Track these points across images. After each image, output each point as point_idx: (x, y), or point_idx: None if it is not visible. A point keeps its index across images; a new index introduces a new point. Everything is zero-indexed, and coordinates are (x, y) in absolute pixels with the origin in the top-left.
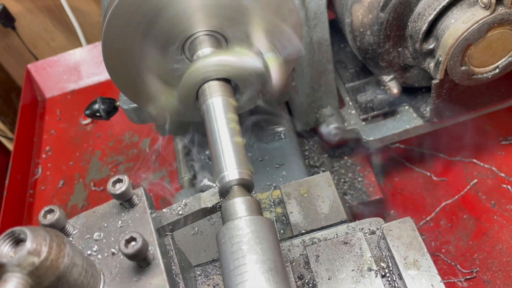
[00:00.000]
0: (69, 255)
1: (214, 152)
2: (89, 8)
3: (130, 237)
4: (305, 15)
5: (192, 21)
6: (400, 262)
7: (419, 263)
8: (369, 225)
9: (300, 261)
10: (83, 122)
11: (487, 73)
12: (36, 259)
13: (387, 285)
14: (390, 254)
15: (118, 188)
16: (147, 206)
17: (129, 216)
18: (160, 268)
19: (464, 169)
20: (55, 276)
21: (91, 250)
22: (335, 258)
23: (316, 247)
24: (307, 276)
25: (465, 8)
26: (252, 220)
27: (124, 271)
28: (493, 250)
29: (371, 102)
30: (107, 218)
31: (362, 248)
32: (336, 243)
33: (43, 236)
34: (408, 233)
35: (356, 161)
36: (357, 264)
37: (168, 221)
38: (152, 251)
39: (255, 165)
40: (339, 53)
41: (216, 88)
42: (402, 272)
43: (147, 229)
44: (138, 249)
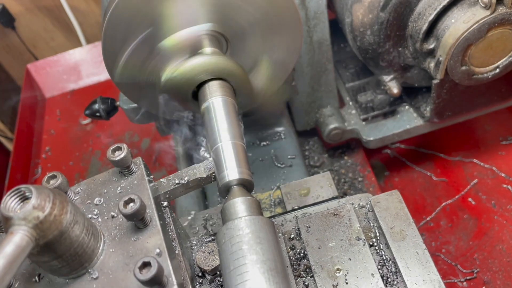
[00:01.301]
0: (71, 212)
1: (215, 152)
2: (89, 8)
3: (128, 199)
4: (305, 15)
5: (195, 19)
6: (387, 232)
7: (405, 232)
8: (359, 201)
9: (292, 233)
10: (83, 122)
11: (487, 73)
12: (41, 214)
13: (375, 254)
14: (377, 224)
15: (117, 155)
16: (145, 174)
17: (127, 183)
18: (157, 228)
19: (464, 169)
20: (58, 231)
21: (92, 214)
22: (325, 228)
23: (307, 219)
24: (298, 247)
25: (466, 8)
26: (252, 220)
27: (123, 232)
28: (493, 250)
29: (371, 102)
30: (107, 185)
31: (351, 219)
32: (327, 215)
33: (47, 194)
34: (395, 204)
35: (356, 161)
36: (346, 234)
37: (165, 190)
38: (150, 214)
39: (255, 165)
40: (339, 53)
41: (216, 88)
42: (389, 241)
43: (145, 194)
44: (136, 209)
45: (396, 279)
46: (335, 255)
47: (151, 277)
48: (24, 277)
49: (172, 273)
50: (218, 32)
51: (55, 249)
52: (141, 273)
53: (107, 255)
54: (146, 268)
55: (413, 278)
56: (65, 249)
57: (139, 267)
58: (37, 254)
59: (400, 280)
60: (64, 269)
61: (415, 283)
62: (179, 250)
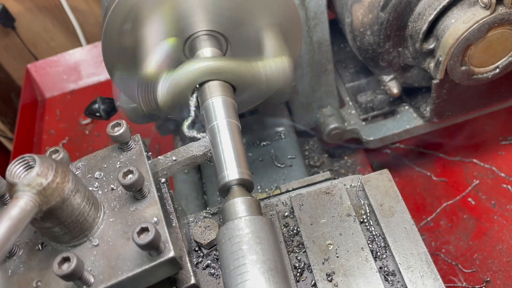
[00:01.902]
0: (73, 181)
1: (214, 152)
2: (89, 8)
3: (127, 170)
4: (305, 15)
5: (192, 20)
6: (377, 209)
7: (394, 208)
8: (351, 181)
9: (286, 211)
10: (83, 122)
11: (487, 73)
12: (44, 181)
13: (365, 230)
14: (367, 202)
15: (116, 131)
16: (143, 149)
17: (126, 158)
18: (155, 199)
19: (464, 169)
20: (60, 198)
21: (92, 187)
22: (317, 206)
23: (300, 197)
24: (292, 224)
25: (465, 8)
26: (252, 220)
27: (122, 203)
28: (493, 250)
29: (371, 102)
30: (107, 160)
31: (342, 197)
32: (319, 193)
33: (50, 162)
34: (385, 183)
35: (356, 161)
36: (337, 211)
37: (163, 167)
38: (148, 186)
39: (255, 165)
40: (339, 53)
41: (216, 88)
42: (378, 217)
43: (143, 168)
44: (134, 180)
45: (385, 253)
46: (327, 230)
47: (148, 241)
48: (28, 246)
49: (169, 240)
50: (216, 32)
51: (58, 215)
52: (140, 237)
53: (107, 224)
54: (144, 233)
55: (401, 251)
56: (67, 216)
57: (137, 232)
58: (41, 220)
59: (389, 254)
60: (66, 236)
61: (403, 256)
62: (176, 223)
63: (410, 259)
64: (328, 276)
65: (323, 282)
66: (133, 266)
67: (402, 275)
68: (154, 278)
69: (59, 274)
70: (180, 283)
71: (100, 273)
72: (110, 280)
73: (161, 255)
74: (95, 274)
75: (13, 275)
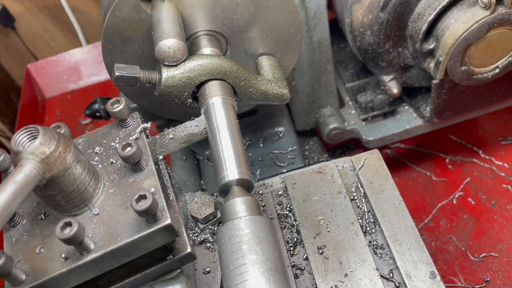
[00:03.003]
0: (74, 152)
1: (214, 152)
2: (89, 8)
3: (126, 143)
4: (305, 15)
5: (192, 20)
6: (367, 186)
7: (383, 186)
8: (343, 163)
9: (280, 190)
10: (83, 122)
11: (487, 73)
12: (47, 149)
13: (355, 207)
14: (358, 180)
15: (116, 107)
16: (141, 125)
17: (125, 134)
18: (152, 171)
19: (464, 169)
20: (62, 166)
21: (92, 160)
22: (309, 185)
23: (293, 176)
24: (285, 202)
25: (465, 8)
26: (252, 220)
27: (121, 175)
28: (493, 250)
29: (371, 102)
30: (107, 136)
31: (334, 176)
32: (311, 172)
33: (52, 133)
34: (375, 162)
35: None
36: (329, 189)
37: (160, 144)
38: (146, 159)
39: (255, 165)
40: (339, 53)
41: (216, 88)
42: (368, 195)
43: (141, 143)
44: (133, 152)
45: (374, 228)
46: (318, 207)
47: (146, 208)
48: (31, 216)
49: (165, 208)
50: (216, 32)
51: (60, 183)
52: (138, 204)
53: (107, 195)
54: (142, 201)
55: (389, 226)
56: (68, 184)
57: (136, 199)
58: (43, 187)
59: (378, 229)
60: (67, 205)
61: (391, 229)
62: (173, 197)
63: (398, 233)
64: (319, 249)
65: (314, 255)
66: (131, 233)
67: (390, 248)
68: (151, 245)
69: (61, 238)
70: (177, 251)
71: (100, 240)
72: (109, 246)
73: (158, 222)
74: (95, 241)
75: (17, 243)
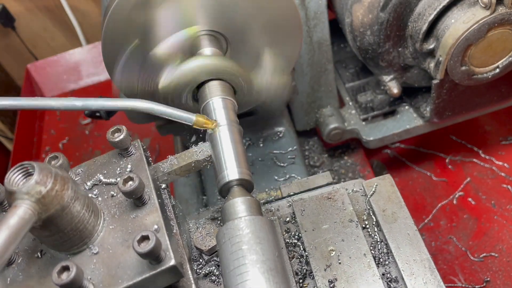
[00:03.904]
0: (72, 189)
1: (214, 152)
2: (89, 8)
3: (127, 177)
4: (305, 15)
5: (193, 19)
6: (379, 214)
7: (397, 214)
8: (353, 186)
9: (288, 217)
10: (82, 122)
11: (487, 73)
12: (43, 188)
13: (367, 235)
14: (370, 207)
15: (116, 136)
16: (144, 155)
17: (126, 164)
18: (155, 206)
19: (464, 169)
20: (60, 206)
21: (92, 193)
22: (319, 212)
23: (302, 203)
24: (293, 229)
25: (466, 8)
26: (252, 220)
27: (122, 210)
28: (493, 250)
29: (371, 102)
30: (107, 166)
31: (345, 202)
32: (321, 198)
33: (49, 170)
34: (387, 188)
35: (356, 161)
36: (340, 216)
37: (163, 172)
38: (148, 192)
39: (255, 165)
40: (339, 53)
41: (216, 88)
42: (381, 223)
43: (143, 174)
44: (135, 187)
45: (387, 259)
46: (329, 236)
47: (149, 250)
48: (27, 253)
49: (169, 248)
50: (216, 32)
51: (57, 223)
52: (140, 246)
53: (107, 232)
54: (144, 242)
55: (404, 257)
56: (66, 224)
57: (137, 240)
58: (40, 228)
59: (392, 260)
60: (65, 244)
61: (406, 262)
62: (177, 230)
63: (413, 266)
64: (331, 283)
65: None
66: (133, 275)
67: (405, 282)
68: (154, 287)
69: (58, 283)
70: None
71: (100, 282)
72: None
73: (162, 264)
74: (95, 283)
75: (12, 284)
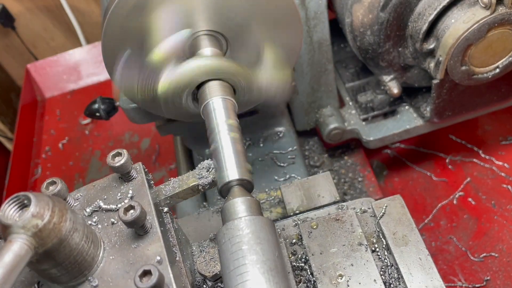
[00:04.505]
0: (70, 220)
1: (214, 152)
2: (89, 8)
3: (128, 206)
4: (305, 15)
5: (192, 20)
6: (390, 237)
7: (408, 237)
8: (361, 205)
9: (294, 238)
10: (82, 122)
11: (487, 73)
12: (40, 222)
13: (377, 259)
14: (380, 229)
15: (117, 161)
16: (145, 180)
17: (127, 189)
18: (157, 235)
19: (464, 169)
20: (57, 239)
21: (91, 220)
22: (327, 234)
23: (309, 224)
24: (300, 252)
25: (466, 8)
26: (252, 220)
27: (123, 239)
28: (493, 250)
29: (371, 102)
30: (107, 191)
31: (353, 224)
32: (328, 220)
33: (46, 201)
34: (398, 209)
35: (356, 161)
36: (348, 239)
37: (166, 195)
38: (150, 220)
39: (255, 165)
40: (339, 53)
41: (216, 88)
42: (391, 247)
43: (145, 201)
44: (136, 216)
45: (398, 285)
46: (337, 260)
47: (151, 286)
48: (23, 285)
49: (172, 281)
50: (215, 32)
51: (55, 257)
52: (142, 281)
53: (107, 263)
54: (146, 277)
55: (415, 284)
56: (64, 257)
57: (139, 275)
58: (36, 262)
59: (403, 286)
60: (63, 277)
61: None
62: (180, 257)
63: None
64: None
65: None
66: None
67: None
68: None
69: None
70: None
71: None
72: None
73: None
74: None
75: None
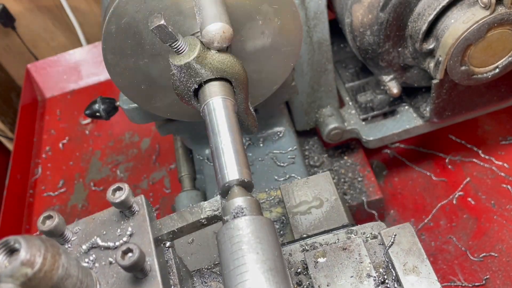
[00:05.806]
0: (63, 266)
1: (214, 152)
2: (89, 8)
3: (127, 248)
4: (305, 15)
5: (193, 20)
6: (399, 269)
7: (419, 269)
8: (371, 229)
9: (299, 267)
10: (83, 122)
11: (487, 73)
12: (29, 270)
13: None
14: (389, 259)
15: (118, 196)
16: (147, 215)
17: (128, 224)
18: (157, 280)
19: (464, 169)
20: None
21: (89, 257)
22: (334, 264)
23: (315, 253)
24: (305, 282)
25: (465, 8)
26: (252, 220)
27: (120, 282)
28: (493, 250)
29: (371, 102)
30: (106, 226)
31: (361, 254)
32: (335, 249)
33: (38, 247)
34: (408, 239)
35: (356, 161)
36: (356, 270)
37: (168, 230)
38: (150, 262)
39: (255, 165)
40: (339, 53)
41: (216, 88)
42: (401, 279)
43: (145, 239)
44: (134, 261)
45: None
46: None
47: None
48: None
49: None
50: None
51: None
52: None
53: None
54: None
55: None
56: None
57: None
58: None
59: None
60: None
61: None
62: None
63: None
64: None
65: None
66: None
67: None
68: None
69: None
70: None
71: None
72: None
73: None
74: None
75: None
